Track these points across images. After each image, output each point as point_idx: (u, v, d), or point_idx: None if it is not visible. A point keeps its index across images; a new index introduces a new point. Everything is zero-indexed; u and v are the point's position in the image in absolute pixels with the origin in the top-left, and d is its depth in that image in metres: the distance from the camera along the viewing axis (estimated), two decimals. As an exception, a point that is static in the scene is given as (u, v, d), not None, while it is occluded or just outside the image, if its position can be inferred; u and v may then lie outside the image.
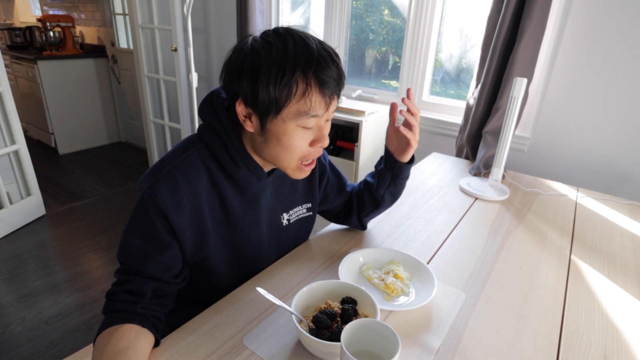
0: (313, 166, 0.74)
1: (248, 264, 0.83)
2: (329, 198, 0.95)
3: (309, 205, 0.90)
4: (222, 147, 0.71)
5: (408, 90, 0.80)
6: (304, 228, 0.92)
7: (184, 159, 0.69)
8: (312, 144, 0.70)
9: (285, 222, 0.86)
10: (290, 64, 0.61)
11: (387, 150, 0.88)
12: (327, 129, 0.71)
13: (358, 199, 0.97)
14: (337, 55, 0.66)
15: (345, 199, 0.98)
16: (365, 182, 0.96)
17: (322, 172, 0.92)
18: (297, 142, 0.68)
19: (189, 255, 0.73)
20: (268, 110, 0.64)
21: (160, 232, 0.67)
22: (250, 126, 0.68)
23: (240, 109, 0.67)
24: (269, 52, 0.62)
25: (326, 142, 0.70)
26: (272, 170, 0.78)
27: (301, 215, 0.89)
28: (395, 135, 0.86)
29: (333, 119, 1.94)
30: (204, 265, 0.77)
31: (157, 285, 0.68)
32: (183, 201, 0.68)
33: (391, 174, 0.89)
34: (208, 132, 0.72)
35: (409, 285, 0.81)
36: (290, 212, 0.87)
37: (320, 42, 0.65)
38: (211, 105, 0.72)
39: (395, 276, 0.82)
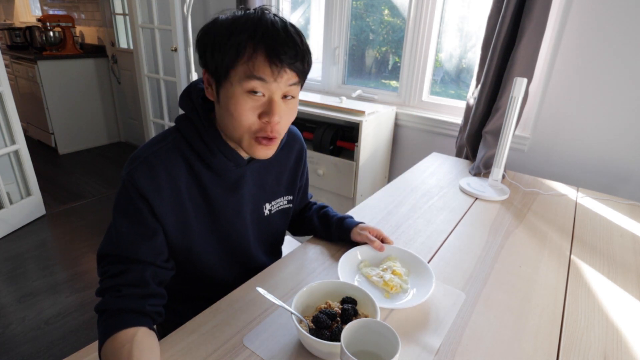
0: (272, 144, 0.71)
1: (237, 254, 0.84)
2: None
3: (290, 197, 0.92)
4: (197, 134, 0.72)
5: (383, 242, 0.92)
6: (282, 219, 0.93)
7: (161, 147, 0.71)
8: (260, 117, 0.68)
9: (266, 212, 0.87)
10: (240, 28, 0.64)
11: (348, 233, 0.94)
12: (280, 105, 0.68)
13: (304, 219, 1.03)
14: (297, 32, 0.67)
15: (302, 205, 1.04)
16: (312, 219, 1.00)
17: (303, 171, 0.95)
18: (242, 109, 0.66)
19: (174, 243, 0.73)
20: (219, 72, 0.67)
21: (147, 217, 0.69)
22: (210, 93, 0.71)
23: (206, 77, 0.71)
24: (226, 20, 0.66)
25: (275, 117, 0.67)
26: (252, 159, 0.79)
27: (282, 207, 0.91)
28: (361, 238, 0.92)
29: (333, 119, 1.94)
30: (192, 255, 0.78)
31: (154, 271, 0.69)
32: (162, 186, 0.69)
33: (337, 238, 0.96)
34: (184, 121, 0.74)
35: (407, 282, 0.82)
36: (273, 202, 0.88)
37: (280, 18, 0.67)
38: (189, 96, 0.75)
39: (394, 273, 0.82)
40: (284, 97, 0.69)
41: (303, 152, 0.93)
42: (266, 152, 0.72)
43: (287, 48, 0.64)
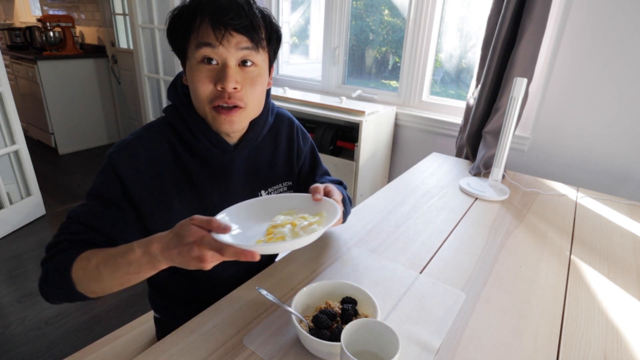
0: (233, 114, 0.70)
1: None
2: (301, 182, 0.97)
3: (289, 183, 0.92)
4: (182, 122, 0.74)
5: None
6: None
7: (145, 133, 0.74)
8: (216, 84, 0.69)
9: None
10: (188, 5, 0.68)
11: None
12: (235, 71, 0.68)
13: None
14: (247, 1, 0.68)
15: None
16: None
17: (299, 154, 0.94)
18: (198, 79, 0.69)
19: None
20: (180, 53, 0.71)
21: (116, 196, 0.70)
22: (186, 80, 0.73)
23: (183, 67, 0.74)
24: (180, 5, 0.70)
25: (229, 83, 0.67)
26: (239, 144, 0.80)
27: (281, 193, 0.91)
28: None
29: (333, 119, 1.94)
30: None
31: (109, 241, 0.69)
32: (141, 170, 0.71)
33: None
34: (170, 109, 0.76)
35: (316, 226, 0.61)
36: (270, 189, 0.88)
37: None
38: (174, 86, 0.77)
39: (302, 217, 0.64)
40: (243, 64, 0.70)
41: (294, 132, 0.92)
42: (231, 124, 0.71)
43: (229, 11, 0.65)
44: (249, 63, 0.70)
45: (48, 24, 3.45)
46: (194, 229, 0.53)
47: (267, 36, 0.72)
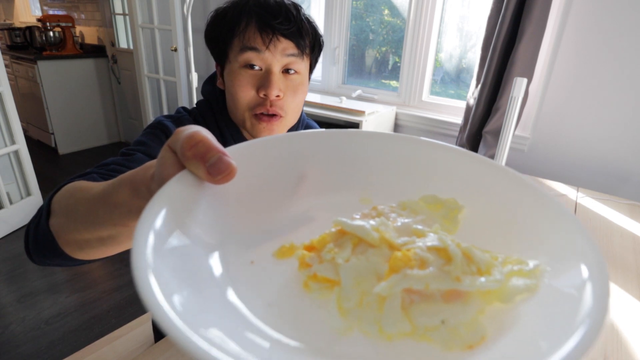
0: (274, 123, 0.68)
1: None
2: None
3: None
4: (213, 119, 0.73)
5: None
6: None
7: (188, 115, 0.73)
8: (259, 91, 0.66)
9: None
10: (234, 6, 0.66)
11: None
12: (279, 78, 0.66)
13: None
14: (294, 6, 0.66)
15: None
16: None
17: None
18: (239, 84, 0.66)
19: None
20: (221, 55, 0.68)
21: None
22: (221, 83, 0.72)
23: (217, 69, 0.72)
24: (224, 6, 0.68)
25: (273, 90, 0.65)
26: None
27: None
28: None
29: (333, 119, 1.94)
30: None
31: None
32: None
33: None
34: (204, 104, 0.75)
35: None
36: None
37: None
38: (211, 82, 0.76)
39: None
40: (286, 71, 0.67)
41: None
42: (270, 133, 0.69)
43: (278, 15, 0.63)
44: (292, 71, 0.67)
45: (48, 24, 3.45)
46: (167, 162, 0.27)
47: (311, 44, 0.69)
